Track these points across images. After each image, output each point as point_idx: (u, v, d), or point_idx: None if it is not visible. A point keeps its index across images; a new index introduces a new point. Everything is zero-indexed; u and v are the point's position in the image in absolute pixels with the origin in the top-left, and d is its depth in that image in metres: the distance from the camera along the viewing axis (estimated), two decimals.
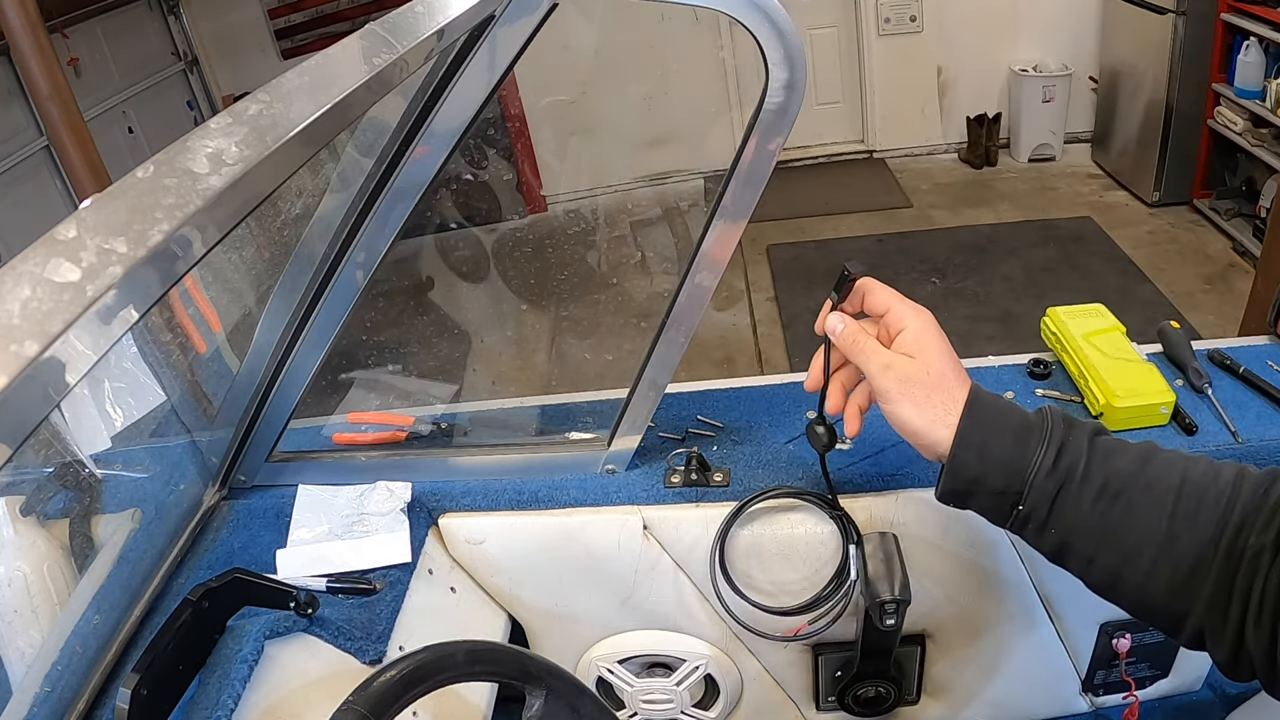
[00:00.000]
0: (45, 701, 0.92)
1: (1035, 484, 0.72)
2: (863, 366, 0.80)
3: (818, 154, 5.80)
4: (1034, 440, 0.73)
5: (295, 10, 5.48)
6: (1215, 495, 0.68)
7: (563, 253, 5.02)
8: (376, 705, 0.71)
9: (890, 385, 0.77)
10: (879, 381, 0.78)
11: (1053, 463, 0.72)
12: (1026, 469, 0.72)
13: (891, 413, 0.78)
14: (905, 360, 0.78)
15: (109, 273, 0.42)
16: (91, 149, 2.68)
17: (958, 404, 0.76)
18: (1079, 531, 0.72)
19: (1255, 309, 2.90)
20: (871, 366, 0.79)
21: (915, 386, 0.76)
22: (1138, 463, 0.72)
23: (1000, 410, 0.76)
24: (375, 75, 0.64)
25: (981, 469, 0.74)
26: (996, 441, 0.74)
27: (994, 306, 4.05)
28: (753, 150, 0.92)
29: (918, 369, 0.77)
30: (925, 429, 0.76)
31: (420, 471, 1.24)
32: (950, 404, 0.76)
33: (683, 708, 1.35)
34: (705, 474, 1.17)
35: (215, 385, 1.26)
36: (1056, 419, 0.75)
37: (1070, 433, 0.74)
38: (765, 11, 0.82)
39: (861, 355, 0.80)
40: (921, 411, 0.76)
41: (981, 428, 0.74)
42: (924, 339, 0.78)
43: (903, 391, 0.77)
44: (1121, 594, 0.73)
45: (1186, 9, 4.19)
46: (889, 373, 0.78)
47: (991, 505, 0.76)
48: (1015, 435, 0.74)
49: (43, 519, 1.05)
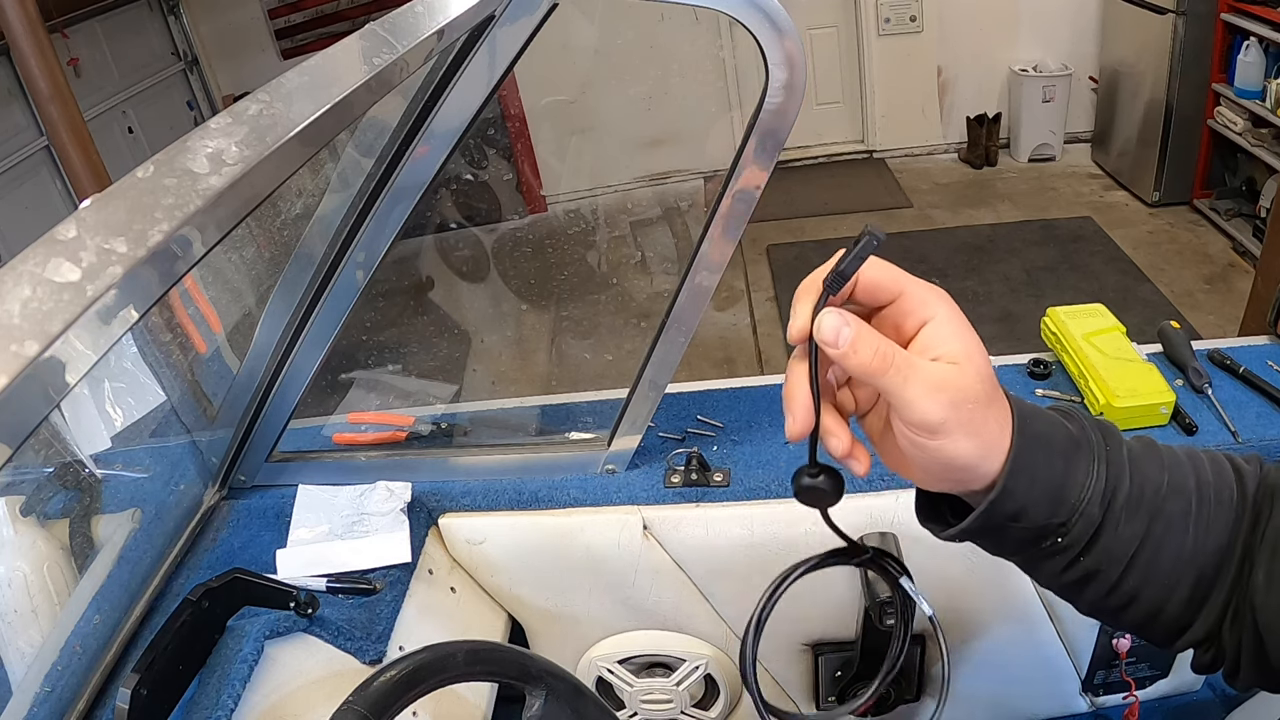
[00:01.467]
0: (45, 701, 0.92)
1: (1085, 513, 0.57)
2: (893, 391, 0.53)
3: (818, 154, 5.80)
4: (1083, 458, 0.58)
5: (295, 10, 5.48)
6: (1228, 495, 0.61)
7: (563, 253, 5.02)
8: (376, 705, 0.71)
9: (942, 413, 0.52)
10: (925, 408, 0.52)
11: (1104, 485, 0.57)
12: (1075, 495, 0.57)
13: (940, 449, 0.54)
14: (954, 372, 0.53)
15: (109, 273, 0.42)
16: (91, 149, 2.68)
17: (1007, 419, 0.56)
18: (1114, 559, 0.59)
19: (1255, 309, 2.90)
20: (913, 391, 0.52)
21: (972, 407, 0.54)
22: (1159, 466, 0.60)
23: (1046, 423, 0.58)
24: (375, 75, 0.64)
25: (1027, 500, 0.56)
26: (1047, 465, 0.56)
27: (994, 306, 4.05)
28: (753, 150, 0.92)
29: (971, 380, 0.53)
30: (980, 460, 0.55)
31: (420, 471, 1.24)
32: (1003, 420, 0.56)
33: (683, 708, 1.35)
34: (705, 474, 1.17)
35: (215, 385, 1.26)
36: (1092, 425, 0.60)
37: (1109, 440, 0.60)
38: (765, 11, 0.82)
39: (896, 375, 0.52)
40: (979, 439, 0.54)
41: (1032, 449, 0.56)
42: (963, 333, 0.54)
43: (959, 419, 0.53)
44: (1128, 617, 0.62)
45: (1186, 9, 4.19)
46: (940, 396, 0.52)
47: (1018, 540, 0.59)
48: (1064, 454, 0.57)
49: (43, 519, 1.05)
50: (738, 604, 1.23)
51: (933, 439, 0.53)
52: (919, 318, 0.55)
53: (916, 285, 0.55)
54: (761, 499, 1.15)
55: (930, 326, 0.54)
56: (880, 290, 0.55)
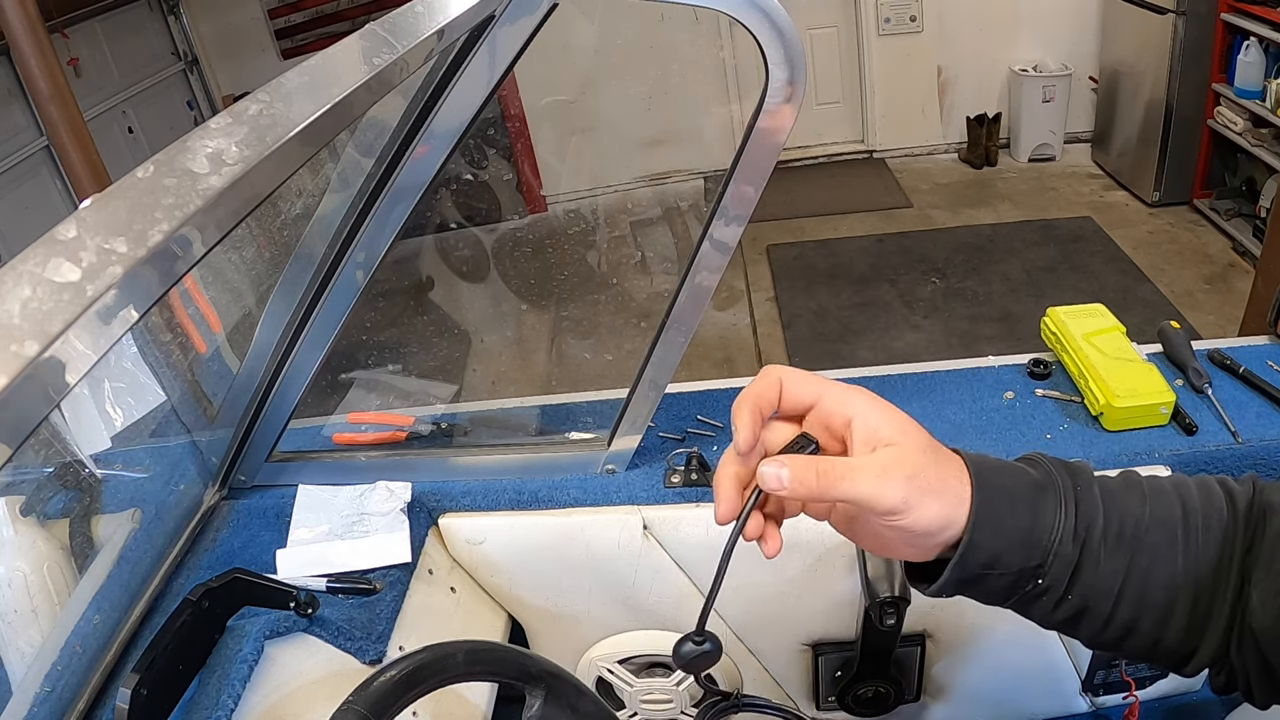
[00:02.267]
0: (45, 701, 0.92)
1: (1059, 553, 0.59)
2: (850, 495, 0.57)
3: (818, 154, 5.80)
4: (1050, 501, 0.60)
5: (295, 10, 5.48)
6: (1217, 519, 0.62)
7: (563, 253, 5.02)
8: (376, 705, 0.71)
9: (900, 492, 0.56)
10: (882, 494, 0.56)
11: (1074, 525, 0.60)
12: (1047, 538, 0.59)
13: (914, 522, 0.57)
14: (894, 453, 0.57)
15: (109, 273, 0.42)
16: (91, 149, 2.68)
17: (964, 473, 0.59)
18: (1100, 594, 0.61)
19: (1255, 309, 2.90)
20: (864, 486, 0.56)
21: (925, 475, 0.57)
22: (1139, 499, 0.62)
23: (1005, 472, 0.61)
24: (375, 75, 0.64)
25: (998, 548, 0.59)
26: (1011, 513, 0.59)
27: (994, 306, 4.05)
28: (752, 150, 0.92)
29: (913, 453, 0.57)
30: (949, 515, 0.58)
31: (420, 471, 1.24)
32: (960, 474, 0.59)
33: (683, 708, 1.35)
34: (705, 474, 1.17)
35: (215, 385, 1.26)
36: (1058, 468, 0.63)
37: (1078, 480, 0.62)
38: (765, 11, 0.82)
39: (843, 482, 0.56)
40: (943, 497, 0.58)
41: (994, 500, 0.59)
42: (889, 416, 0.59)
43: (918, 488, 0.56)
44: (1131, 646, 0.63)
45: (1186, 9, 4.19)
46: (893, 478, 0.56)
47: (1000, 587, 0.61)
48: (1029, 500, 0.60)
49: (43, 519, 1.05)
50: (738, 604, 1.23)
51: (904, 517, 0.57)
52: (843, 416, 0.59)
53: (832, 387, 0.60)
54: None
55: (857, 421, 0.58)
56: (800, 399, 0.60)
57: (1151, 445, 1.14)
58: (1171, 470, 1.11)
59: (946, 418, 1.23)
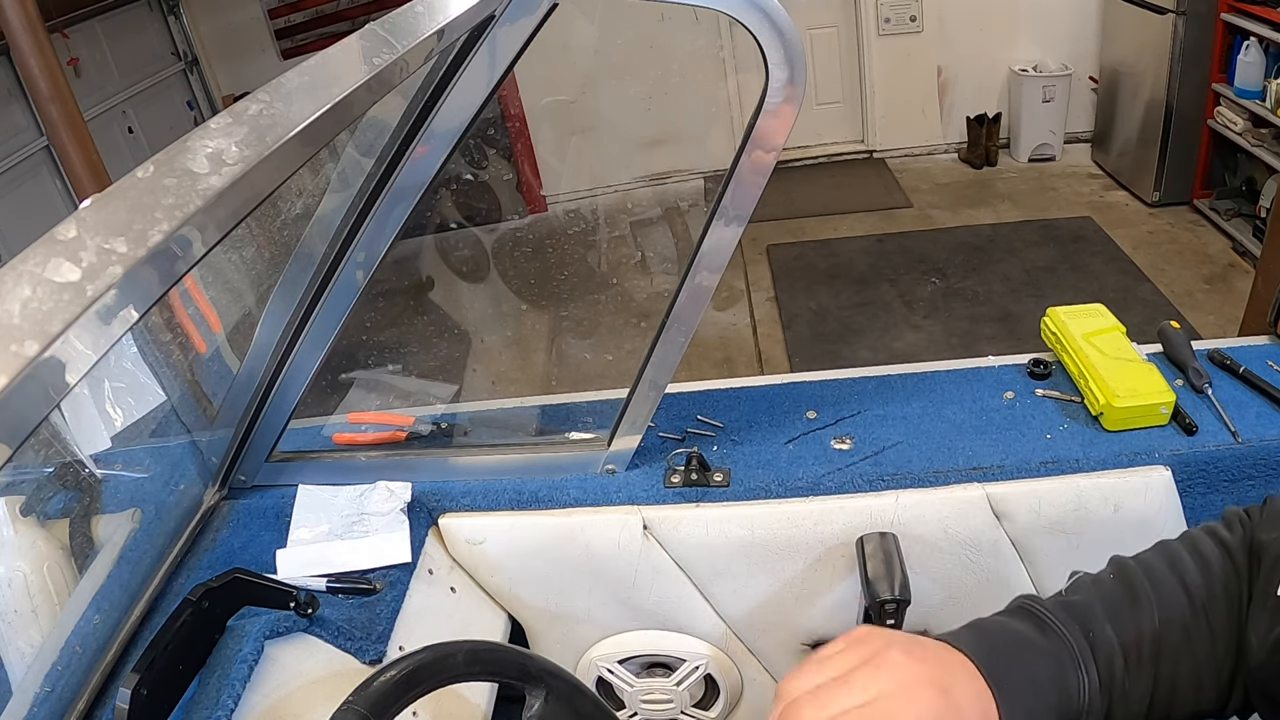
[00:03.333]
0: (45, 701, 0.92)
1: (1090, 710, 0.60)
2: None
3: (818, 154, 5.79)
4: (1070, 669, 0.60)
5: (295, 10, 5.48)
6: (1222, 590, 0.63)
7: (563, 253, 5.02)
8: (376, 705, 0.71)
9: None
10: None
11: (1098, 680, 0.60)
12: (1076, 703, 0.60)
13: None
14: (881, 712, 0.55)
15: (109, 273, 0.42)
16: (91, 149, 2.68)
17: (974, 677, 0.58)
18: (1133, 714, 0.62)
19: (1255, 309, 2.90)
20: None
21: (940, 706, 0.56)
22: (1147, 608, 0.63)
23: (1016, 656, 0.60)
24: (375, 75, 0.64)
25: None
26: (1036, 696, 0.59)
27: (994, 306, 4.04)
28: (753, 150, 0.92)
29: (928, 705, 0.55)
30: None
31: (420, 471, 1.24)
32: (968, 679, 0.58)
33: (683, 708, 1.35)
34: (705, 474, 1.17)
35: (215, 385, 1.26)
36: (1064, 623, 0.62)
37: (1088, 627, 0.62)
38: (765, 11, 0.82)
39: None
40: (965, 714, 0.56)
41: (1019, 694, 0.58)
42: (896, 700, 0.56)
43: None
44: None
45: (1186, 9, 4.19)
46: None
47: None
48: (1052, 679, 0.60)
49: (43, 519, 1.05)
50: (738, 604, 1.23)
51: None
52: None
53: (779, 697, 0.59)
54: (761, 499, 1.15)
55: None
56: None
57: (1151, 445, 1.14)
58: (1171, 470, 1.12)
59: (946, 418, 1.23)
